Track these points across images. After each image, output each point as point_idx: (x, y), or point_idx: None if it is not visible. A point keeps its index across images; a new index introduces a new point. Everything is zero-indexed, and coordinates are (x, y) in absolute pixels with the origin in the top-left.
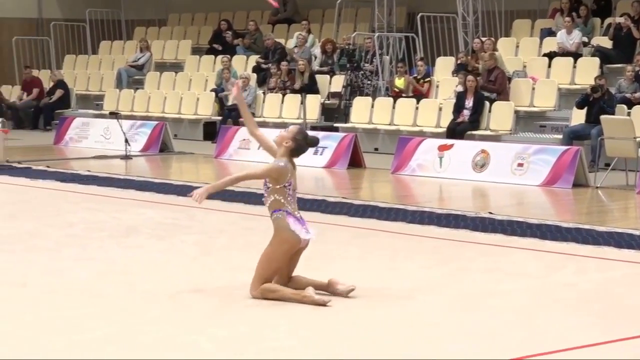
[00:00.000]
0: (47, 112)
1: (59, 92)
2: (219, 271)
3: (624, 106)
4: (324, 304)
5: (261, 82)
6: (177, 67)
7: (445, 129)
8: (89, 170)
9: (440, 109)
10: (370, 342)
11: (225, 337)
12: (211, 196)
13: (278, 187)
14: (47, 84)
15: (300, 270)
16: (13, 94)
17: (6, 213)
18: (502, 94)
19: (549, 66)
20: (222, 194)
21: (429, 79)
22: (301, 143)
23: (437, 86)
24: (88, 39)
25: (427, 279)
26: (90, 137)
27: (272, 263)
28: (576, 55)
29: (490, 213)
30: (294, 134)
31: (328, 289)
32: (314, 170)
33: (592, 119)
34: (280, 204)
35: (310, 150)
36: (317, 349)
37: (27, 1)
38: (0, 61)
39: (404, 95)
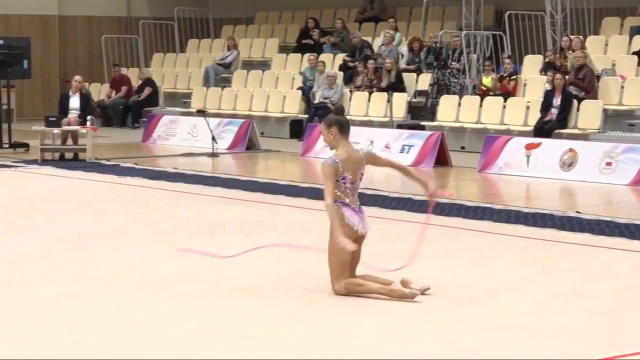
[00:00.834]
0: (135, 109)
1: (147, 90)
2: (304, 269)
3: None
4: (412, 298)
5: (348, 81)
6: (264, 65)
7: (532, 128)
8: (176, 168)
9: (527, 107)
10: (456, 341)
11: (310, 334)
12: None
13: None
14: (136, 82)
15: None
16: (102, 92)
17: (95, 209)
18: (591, 92)
19: (639, 64)
20: (308, 192)
21: (515, 76)
22: (332, 121)
23: (525, 84)
24: (176, 37)
25: (514, 279)
26: (178, 135)
27: (339, 252)
28: None
29: (578, 212)
30: (322, 125)
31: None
32: None
33: None
34: (336, 196)
35: (397, 148)
36: (401, 347)
37: (116, 0)
38: (90, 59)
39: (491, 93)
